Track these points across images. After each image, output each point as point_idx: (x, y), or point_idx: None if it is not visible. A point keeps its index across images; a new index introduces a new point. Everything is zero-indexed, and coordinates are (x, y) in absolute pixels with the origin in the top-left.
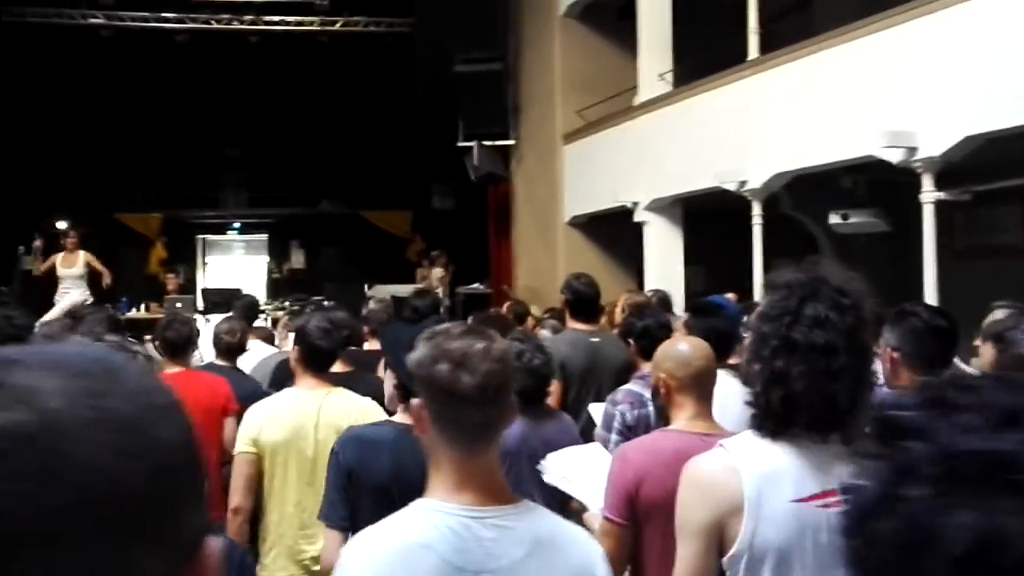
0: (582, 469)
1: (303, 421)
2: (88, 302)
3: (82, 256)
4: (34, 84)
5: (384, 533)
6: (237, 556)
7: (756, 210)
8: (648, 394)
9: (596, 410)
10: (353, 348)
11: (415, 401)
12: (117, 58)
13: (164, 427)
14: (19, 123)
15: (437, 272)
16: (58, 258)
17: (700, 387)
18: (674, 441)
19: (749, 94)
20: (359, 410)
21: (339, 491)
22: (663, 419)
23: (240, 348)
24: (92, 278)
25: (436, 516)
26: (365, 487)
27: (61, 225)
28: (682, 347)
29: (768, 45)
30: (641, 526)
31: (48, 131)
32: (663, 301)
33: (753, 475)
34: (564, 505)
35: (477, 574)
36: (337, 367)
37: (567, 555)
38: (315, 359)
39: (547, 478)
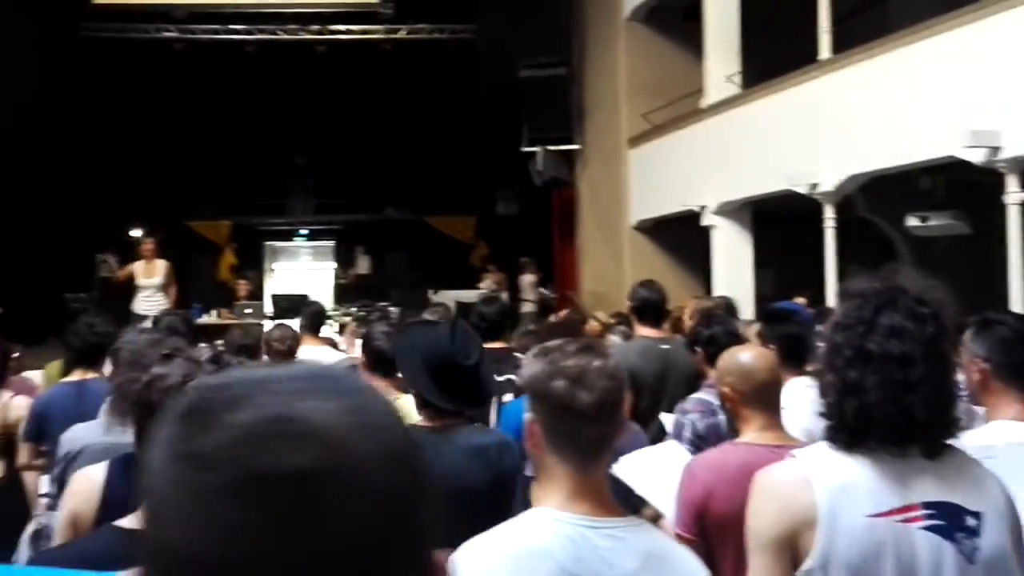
0: (656, 472)
1: None
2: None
3: (161, 265)
4: (110, 96)
5: (501, 540)
6: None
7: (829, 213)
8: (718, 403)
9: (668, 420)
10: None
11: (527, 416)
12: (189, 70)
13: (422, 456)
14: (95, 134)
15: (492, 278)
16: (138, 267)
17: (765, 398)
18: (741, 455)
19: (821, 94)
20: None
21: None
22: (733, 430)
23: (291, 354)
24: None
25: (553, 524)
26: None
27: (135, 233)
28: (744, 359)
29: (840, 44)
30: (712, 542)
31: (122, 141)
32: (728, 307)
33: (826, 487)
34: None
35: None
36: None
37: (677, 571)
38: (380, 363)
39: (623, 478)
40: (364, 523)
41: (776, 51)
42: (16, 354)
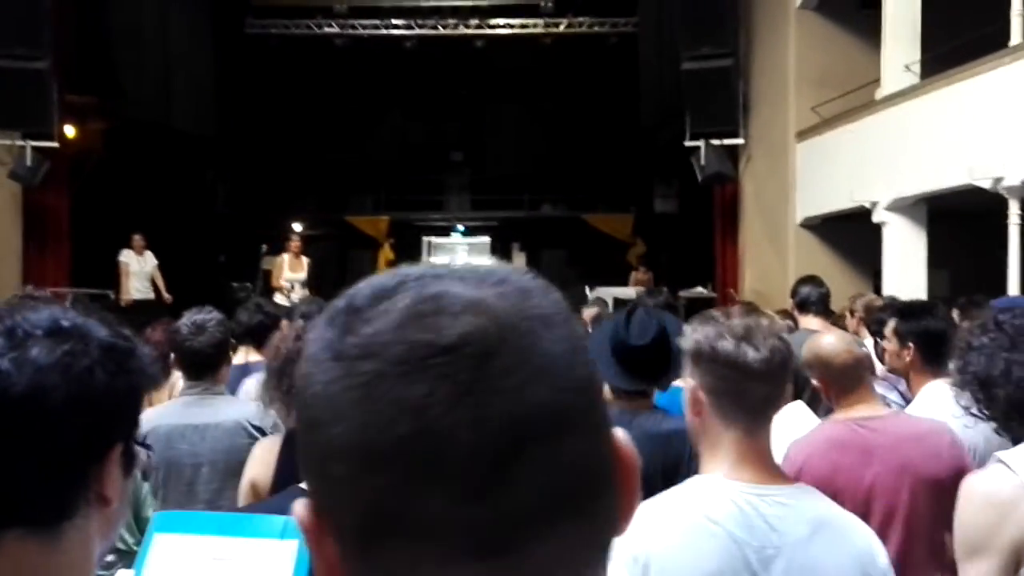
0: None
1: None
2: None
3: (306, 262)
4: (274, 93)
5: (668, 507)
6: None
7: (1013, 209)
8: (891, 396)
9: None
10: None
11: (689, 382)
12: (349, 66)
13: (577, 325)
14: (260, 130)
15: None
16: (286, 261)
17: (849, 379)
18: (829, 431)
19: (1010, 84)
20: None
21: None
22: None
23: None
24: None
25: (721, 492)
26: None
27: (296, 227)
28: (822, 348)
29: None
30: None
31: (286, 137)
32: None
33: None
34: None
35: (762, 549)
36: None
37: (849, 538)
38: None
39: None
40: (543, 386)
41: (960, 37)
42: None
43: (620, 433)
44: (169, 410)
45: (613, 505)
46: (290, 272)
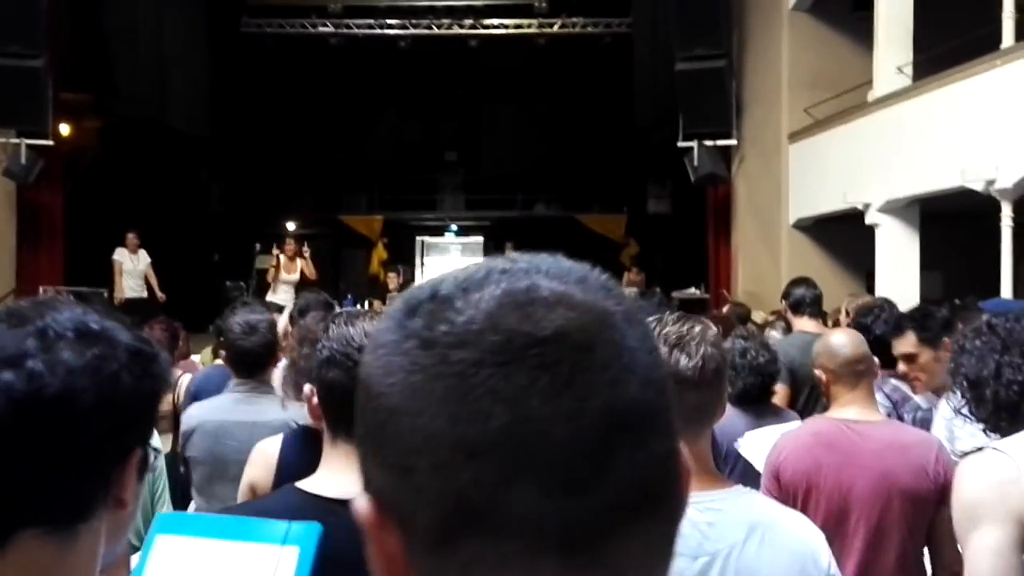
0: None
1: None
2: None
3: (300, 264)
4: (268, 92)
5: None
6: None
7: (1006, 211)
8: (876, 397)
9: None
10: None
11: None
12: (344, 66)
13: (649, 325)
14: (255, 128)
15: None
16: (281, 262)
17: (850, 376)
18: (817, 427)
19: (1002, 86)
20: None
21: None
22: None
23: None
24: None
25: None
26: None
27: (290, 226)
28: (833, 339)
29: None
30: (785, 503)
31: (280, 136)
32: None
33: None
34: None
35: (695, 559)
36: None
37: (787, 539)
38: None
39: (741, 451)
40: (635, 380)
41: (952, 39)
42: (183, 335)
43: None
44: (218, 406)
45: (683, 505)
46: (285, 274)
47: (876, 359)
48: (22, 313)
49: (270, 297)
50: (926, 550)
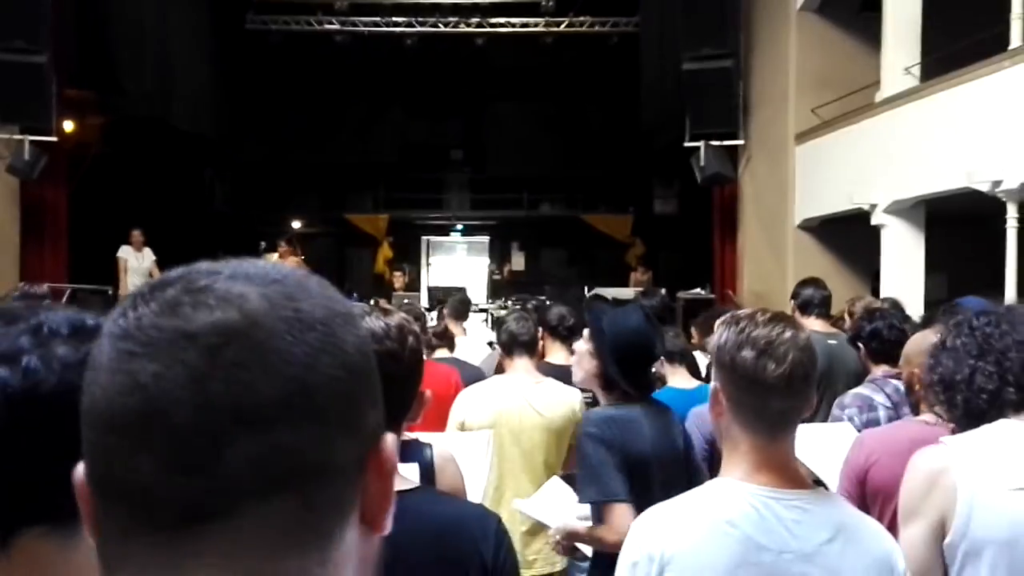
0: (824, 448)
1: (508, 406)
2: None
3: (294, 262)
4: (274, 89)
5: (685, 508)
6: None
7: (1011, 212)
8: (877, 398)
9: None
10: None
11: (712, 384)
12: (350, 64)
13: (350, 331)
14: (260, 126)
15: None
16: (273, 259)
17: None
18: (913, 430)
19: (1009, 87)
20: (564, 399)
21: (610, 466)
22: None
23: (442, 336)
24: None
25: (738, 494)
26: (623, 464)
27: (295, 225)
28: (933, 341)
29: None
30: (869, 510)
31: (285, 134)
32: (895, 306)
33: (967, 470)
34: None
35: (780, 554)
36: (561, 359)
37: (869, 544)
38: (511, 346)
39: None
40: (275, 381)
41: (960, 40)
42: None
43: (389, 439)
44: None
45: (351, 498)
46: None
47: (884, 362)
48: (14, 312)
49: None
50: None
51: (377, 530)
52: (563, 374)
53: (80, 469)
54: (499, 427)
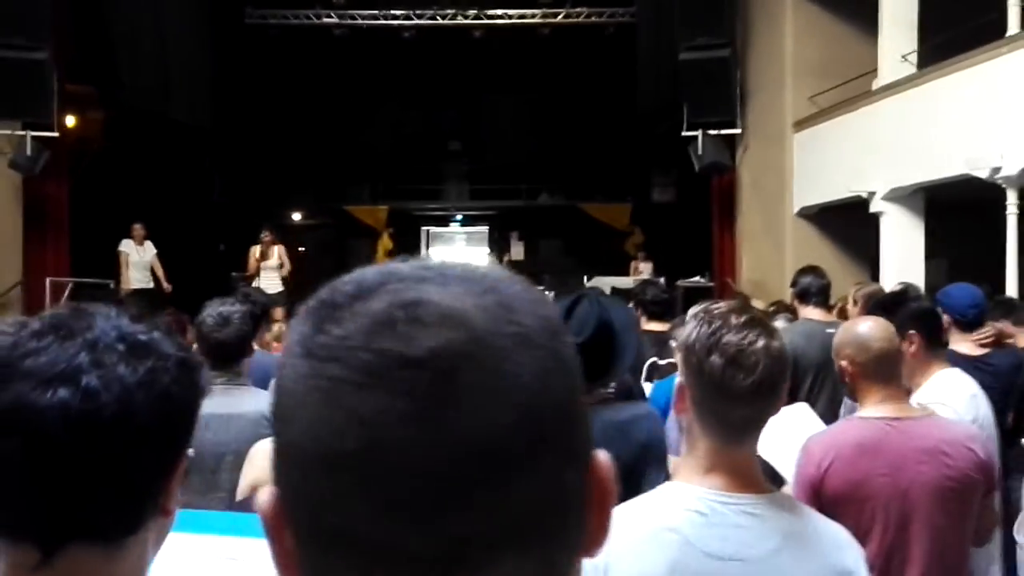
0: (782, 435)
1: None
2: (280, 290)
3: (277, 249)
4: (273, 83)
5: (631, 514)
6: None
7: (1011, 199)
8: None
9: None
10: None
11: (679, 380)
12: (348, 56)
13: (567, 344)
14: (259, 119)
15: (634, 266)
16: (256, 251)
17: (883, 370)
18: (857, 431)
19: (1007, 73)
20: None
21: None
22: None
23: None
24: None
25: (684, 498)
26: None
27: (295, 216)
28: (861, 329)
29: None
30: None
31: (285, 127)
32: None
33: None
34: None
35: (726, 561)
36: None
37: (825, 552)
38: None
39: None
40: (508, 409)
41: (957, 27)
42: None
43: (602, 455)
44: None
45: (577, 532)
46: (263, 260)
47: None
48: (68, 324)
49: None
50: None
51: (593, 553)
52: None
53: (268, 500)
54: None
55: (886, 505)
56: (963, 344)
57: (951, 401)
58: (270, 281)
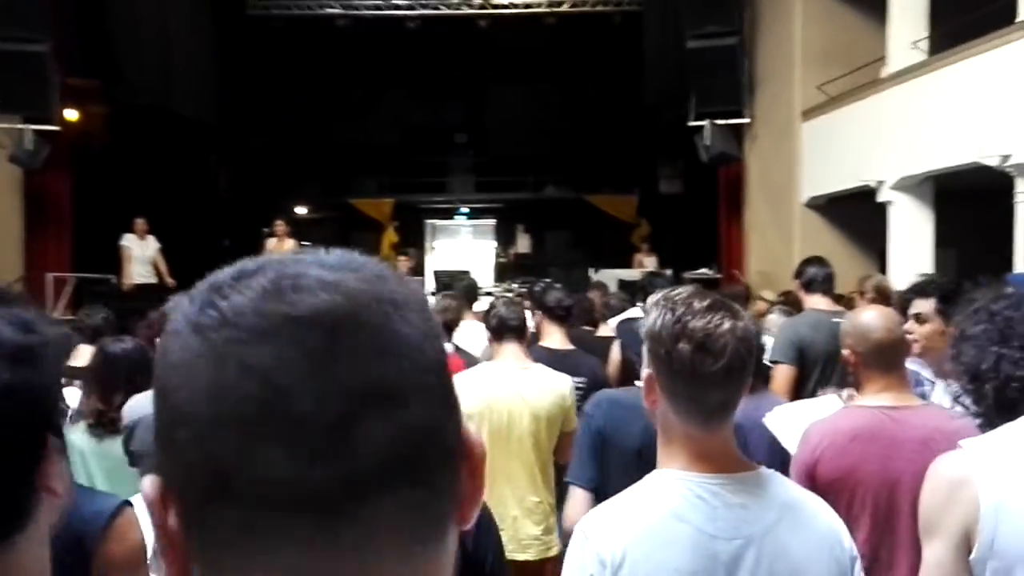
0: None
1: (497, 394)
2: None
3: (290, 244)
4: (276, 75)
5: (632, 505)
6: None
7: (1020, 188)
8: (924, 373)
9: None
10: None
11: (645, 371)
12: (352, 48)
13: (433, 315)
14: (262, 112)
15: (637, 258)
16: (271, 244)
17: (884, 359)
18: (854, 419)
19: (1018, 60)
20: (552, 386)
21: (589, 451)
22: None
23: (454, 324)
24: None
25: (681, 486)
26: (615, 450)
27: (300, 210)
28: (864, 318)
29: None
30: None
31: (288, 120)
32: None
33: (991, 480)
34: None
35: (732, 540)
36: (556, 343)
37: (815, 521)
38: (500, 331)
39: (769, 428)
40: (391, 360)
41: (968, 13)
42: None
43: (471, 427)
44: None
45: (453, 483)
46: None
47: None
48: None
49: None
50: None
51: (465, 524)
52: (559, 359)
53: (151, 485)
54: (489, 414)
55: (876, 492)
56: None
57: None
58: None
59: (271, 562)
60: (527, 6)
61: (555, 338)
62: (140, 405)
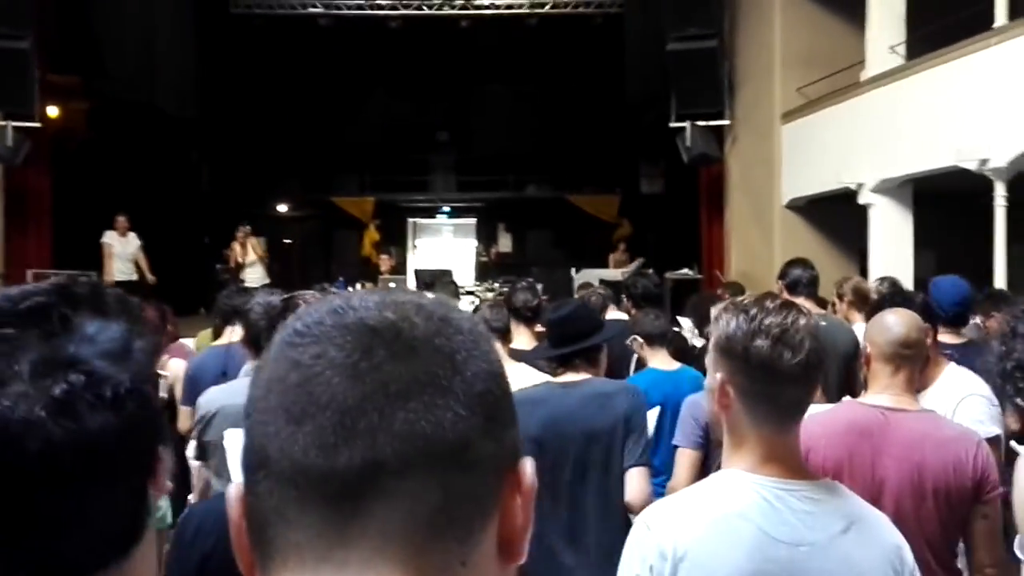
0: None
1: None
2: (267, 282)
3: (250, 245)
4: (258, 74)
5: (696, 502)
6: None
7: (999, 191)
8: None
9: None
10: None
11: (717, 376)
12: (334, 47)
13: (492, 347)
14: (244, 110)
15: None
16: (236, 249)
17: (896, 358)
18: (850, 413)
19: (995, 64)
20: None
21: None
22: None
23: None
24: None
25: (748, 487)
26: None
27: (281, 208)
28: (886, 317)
29: (1018, 9)
30: None
31: (270, 118)
32: (895, 287)
33: None
34: None
35: (795, 547)
36: (524, 343)
37: (880, 535)
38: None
39: None
40: (425, 369)
41: (945, 18)
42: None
43: (528, 463)
44: (239, 390)
45: (485, 497)
46: (243, 257)
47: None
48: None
49: (245, 280)
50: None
51: (514, 558)
52: (526, 361)
53: (234, 488)
54: None
55: (861, 488)
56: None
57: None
58: (255, 275)
59: (299, 544)
60: (509, 7)
61: (523, 339)
62: (217, 398)
